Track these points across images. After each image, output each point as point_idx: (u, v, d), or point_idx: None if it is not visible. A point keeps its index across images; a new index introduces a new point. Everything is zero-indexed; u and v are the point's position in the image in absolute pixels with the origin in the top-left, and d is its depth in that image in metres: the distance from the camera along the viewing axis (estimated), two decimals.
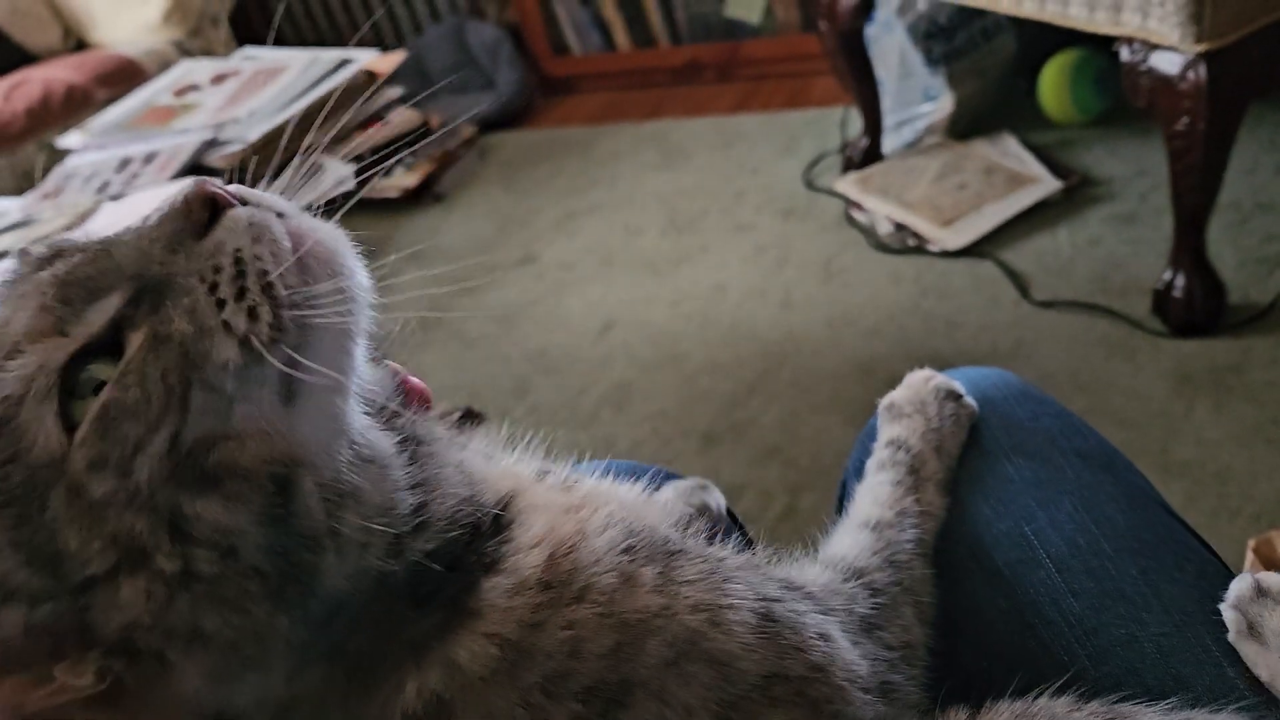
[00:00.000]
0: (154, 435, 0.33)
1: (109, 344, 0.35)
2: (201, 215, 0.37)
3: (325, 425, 0.38)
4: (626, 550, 0.44)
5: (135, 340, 0.35)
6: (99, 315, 0.35)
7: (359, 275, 0.40)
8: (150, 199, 1.52)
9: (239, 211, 0.37)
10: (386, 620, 0.40)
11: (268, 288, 0.36)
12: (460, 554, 0.42)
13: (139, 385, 0.34)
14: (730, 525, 0.72)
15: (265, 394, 0.36)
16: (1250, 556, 1.07)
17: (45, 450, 0.33)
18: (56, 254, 0.38)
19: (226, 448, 0.34)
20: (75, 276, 0.36)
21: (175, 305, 0.35)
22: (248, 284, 0.35)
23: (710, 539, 0.50)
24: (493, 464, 0.49)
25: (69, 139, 1.93)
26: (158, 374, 0.34)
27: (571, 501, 0.48)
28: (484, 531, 0.44)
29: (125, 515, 0.33)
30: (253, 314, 0.35)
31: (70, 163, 1.83)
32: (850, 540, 0.60)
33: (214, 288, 0.35)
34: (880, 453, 0.67)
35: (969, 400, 0.69)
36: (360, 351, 0.41)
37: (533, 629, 0.40)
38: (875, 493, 0.64)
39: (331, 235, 0.40)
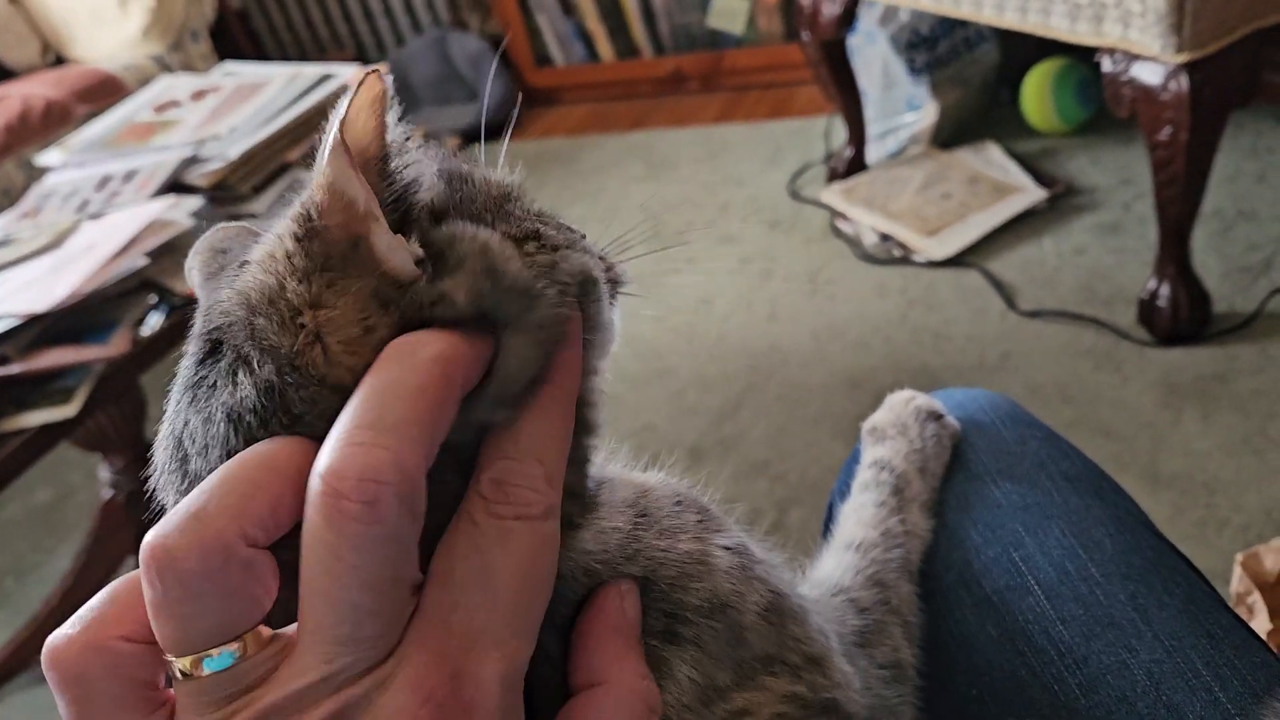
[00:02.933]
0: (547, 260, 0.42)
1: None
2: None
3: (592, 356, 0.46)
4: (678, 501, 0.48)
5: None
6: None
7: None
8: (131, 217, 1.50)
9: None
10: None
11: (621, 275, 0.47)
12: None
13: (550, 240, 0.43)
14: None
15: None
16: (1238, 571, 1.07)
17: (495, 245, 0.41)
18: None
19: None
20: None
21: (574, 246, 0.45)
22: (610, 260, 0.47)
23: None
24: None
25: (48, 156, 1.91)
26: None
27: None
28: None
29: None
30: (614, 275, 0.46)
31: (49, 180, 1.81)
32: (834, 562, 0.60)
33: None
34: (864, 473, 0.66)
35: (951, 420, 0.69)
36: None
37: (626, 560, 0.43)
38: (859, 514, 0.63)
39: None
